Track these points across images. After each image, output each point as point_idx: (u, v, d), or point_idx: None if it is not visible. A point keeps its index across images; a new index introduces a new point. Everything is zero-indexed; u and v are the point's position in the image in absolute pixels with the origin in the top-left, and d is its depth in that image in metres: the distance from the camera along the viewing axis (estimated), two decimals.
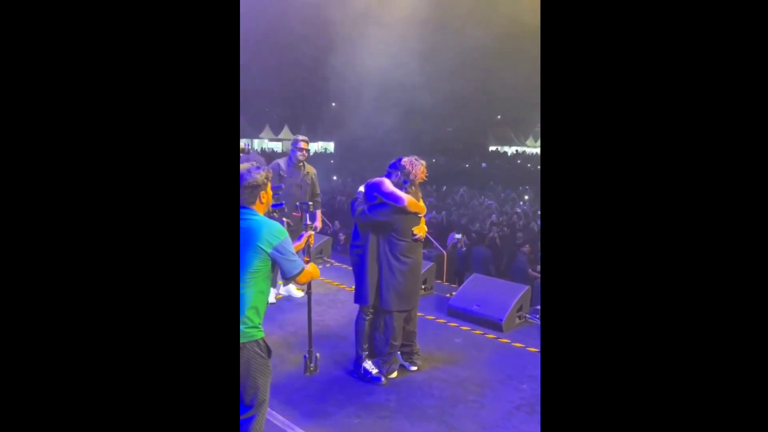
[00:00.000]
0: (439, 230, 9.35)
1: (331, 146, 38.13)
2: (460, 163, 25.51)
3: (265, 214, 2.41)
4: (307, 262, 2.55)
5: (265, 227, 2.29)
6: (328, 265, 6.67)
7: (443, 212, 11.16)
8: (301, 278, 2.40)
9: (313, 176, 5.11)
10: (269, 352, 2.34)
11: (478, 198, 13.86)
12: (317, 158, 27.89)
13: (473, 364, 3.84)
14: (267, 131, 36.21)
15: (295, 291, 5.24)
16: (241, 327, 2.22)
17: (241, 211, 2.30)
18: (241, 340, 2.23)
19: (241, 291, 2.22)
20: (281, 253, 2.29)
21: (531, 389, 3.47)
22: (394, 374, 3.56)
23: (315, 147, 38.44)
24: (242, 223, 2.27)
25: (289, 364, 3.73)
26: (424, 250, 7.53)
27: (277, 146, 35.27)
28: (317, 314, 4.83)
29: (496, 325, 4.54)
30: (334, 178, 17.09)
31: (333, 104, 36.51)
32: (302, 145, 4.94)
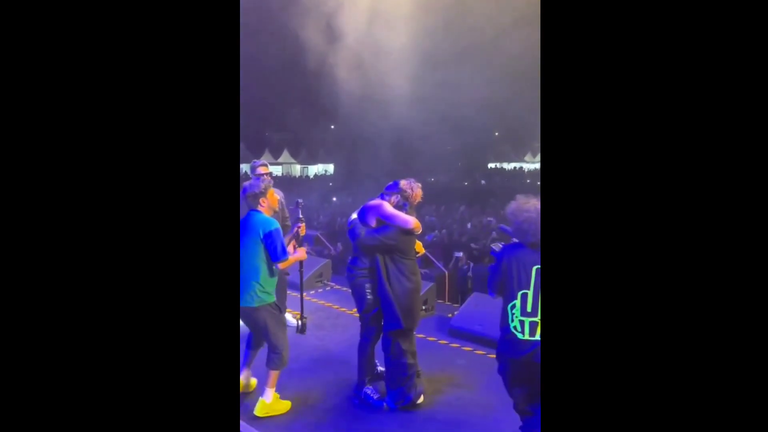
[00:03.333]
0: (440, 249, 9.31)
1: (331, 168, 38.34)
2: (459, 181, 25.57)
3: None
4: (295, 250, 3.49)
5: (261, 218, 3.19)
6: (328, 288, 6.64)
7: (444, 231, 11.14)
8: (283, 264, 3.23)
9: (282, 200, 5.05)
10: (281, 309, 3.34)
11: (478, 216, 13.84)
12: (318, 181, 28.00)
13: (476, 386, 3.78)
14: (267, 155, 36.44)
15: (292, 319, 5.18)
16: (256, 294, 3.13)
17: (248, 213, 3.23)
18: (256, 304, 3.14)
19: (250, 266, 3.10)
20: (269, 239, 3.11)
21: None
22: (422, 399, 3.46)
23: (315, 169, 38.66)
24: (246, 220, 3.18)
25: (290, 390, 3.67)
26: (426, 270, 7.51)
27: (277, 170, 35.47)
28: (318, 339, 4.79)
29: None
30: (334, 199, 17.11)
31: (332, 126, 36.83)
32: (261, 170, 4.69)
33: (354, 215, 3.53)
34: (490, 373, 4.02)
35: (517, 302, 2.54)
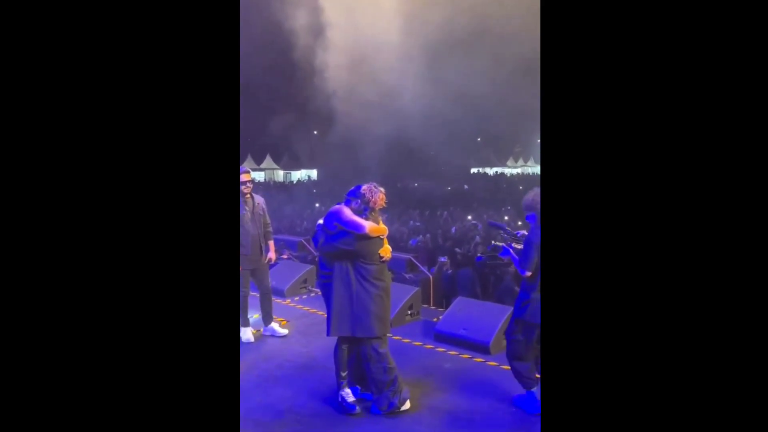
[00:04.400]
0: (424, 254, 9.33)
1: (314, 173, 38.24)
2: (443, 186, 25.71)
3: None
4: None
5: None
6: (312, 294, 6.60)
7: (428, 235, 11.18)
8: None
9: (263, 206, 5.03)
10: None
11: (462, 220, 13.93)
12: (301, 186, 27.90)
13: (462, 390, 3.79)
14: (249, 161, 36.21)
15: (279, 329, 5.13)
16: None
17: None
18: None
19: None
20: None
21: (521, 412, 3.42)
22: (407, 405, 3.43)
23: (298, 175, 38.51)
24: None
25: (274, 397, 3.64)
26: (411, 275, 7.51)
27: (260, 176, 35.24)
28: (302, 345, 4.75)
29: (483, 349, 4.50)
30: (317, 205, 17.05)
31: (315, 132, 36.77)
32: (243, 177, 4.62)
33: (321, 221, 3.53)
34: (475, 376, 4.04)
35: None
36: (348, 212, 3.35)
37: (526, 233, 3.41)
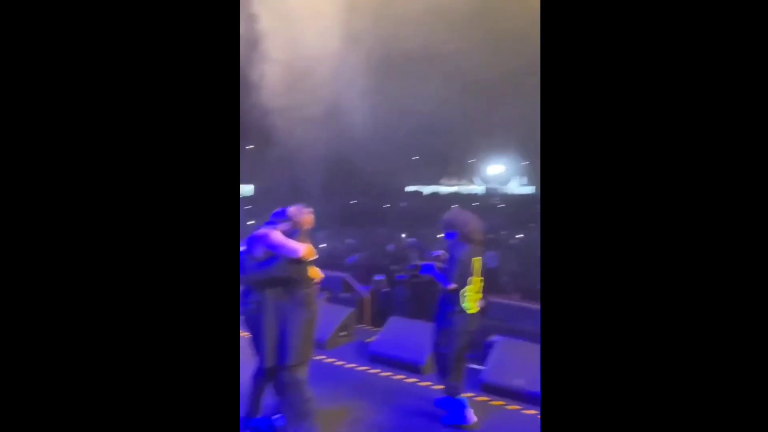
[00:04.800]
0: (361, 272, 9.32)
1: (249, 190, 37.33)
2: (380, 204, 25.90)
3: None
4: None
5: None
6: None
7: (365, 253, 11.20)
8: None
9: None
10: None
11: (399, 238, 14.08)
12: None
13: (395, 411, 3.80)
14: None
15: None
16: None
17: None
18: None
19: None
20: None
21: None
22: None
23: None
24: None
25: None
26: (346, 294, 7.46)
27: None
28: (249, 369, 4.56)
29: (416, 368, 4.54)
30: (252, 222, 16.63)
31: (251, 146, 36.00)
32: None
33: (242, 247, 3.27)
34: (408, 397, 4.05)
35: (470, 286, 3.55)
36: (278, 236, 3.16)
37: (445, 252, 3.78)
